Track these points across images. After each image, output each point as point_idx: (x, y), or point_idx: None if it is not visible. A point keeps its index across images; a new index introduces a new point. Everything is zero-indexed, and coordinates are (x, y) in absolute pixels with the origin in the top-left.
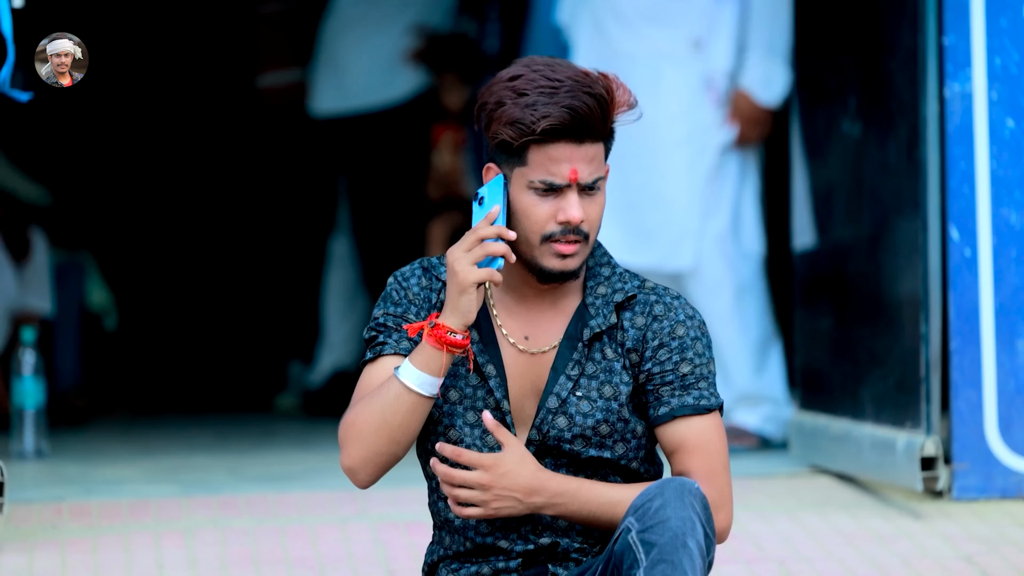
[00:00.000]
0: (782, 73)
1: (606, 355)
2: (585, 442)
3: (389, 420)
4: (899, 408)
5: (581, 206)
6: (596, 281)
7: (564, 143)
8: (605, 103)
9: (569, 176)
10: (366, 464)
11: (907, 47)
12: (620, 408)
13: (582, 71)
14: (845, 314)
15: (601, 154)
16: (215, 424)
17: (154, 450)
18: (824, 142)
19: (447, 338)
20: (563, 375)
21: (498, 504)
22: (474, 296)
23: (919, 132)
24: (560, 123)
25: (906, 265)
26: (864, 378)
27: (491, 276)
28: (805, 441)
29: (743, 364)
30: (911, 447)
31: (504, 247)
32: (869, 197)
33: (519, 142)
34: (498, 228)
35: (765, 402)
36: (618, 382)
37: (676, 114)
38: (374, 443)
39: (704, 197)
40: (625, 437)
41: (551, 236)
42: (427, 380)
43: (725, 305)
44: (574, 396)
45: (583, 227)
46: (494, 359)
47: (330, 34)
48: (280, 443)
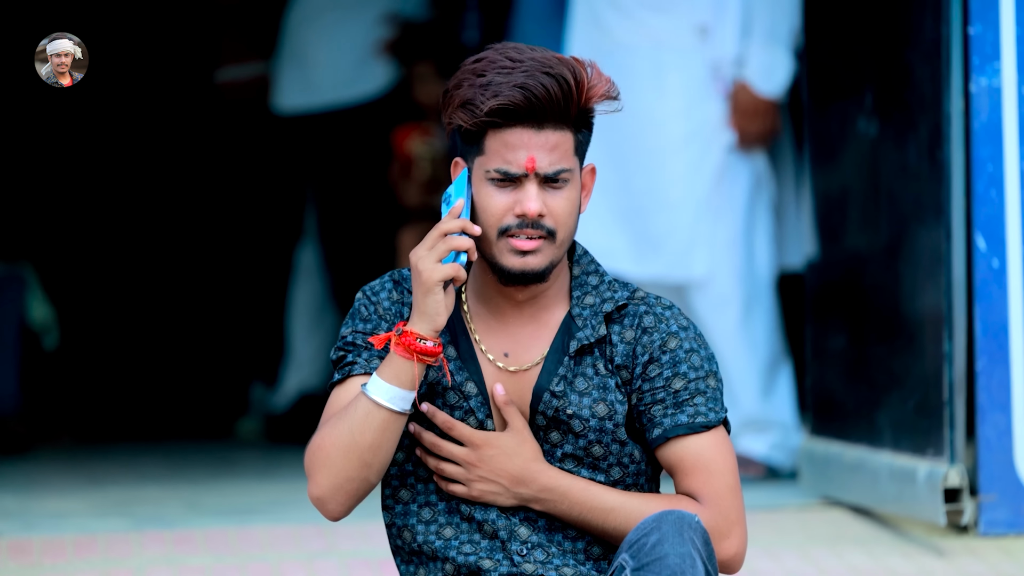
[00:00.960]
0: (785, 61)
1: (598, 371)
2: (576, 463)
3: (359, 441)
4: (920, 434)
5: (542, 199)
6: (583, 291)
7: (521, 128)
8: (567, 85)
9: (526, 164)
10: (336, 492)
11: (929, 38)
12: (615, 429)
13: (555, 55)
14: (860, 331)
15: (567, 144)
16: (169, 452)
17: (102, 481)
18: (837, 142)
19: (417, 345)
20: (547, 392)
21: (482, 487)
22: (441, 296)
23: (942, 131)
24: (511, 103)
25: (928, 277)
26: (881, 401)
27: (456, 272)
28: (817, 470)
29: (750, 386)
30: (933, 477)
31: (468, 241)
32: (887, 202)
33: (469, 125)
34: (462, 222)
35: (773, 427)
36: (613, 400)
37: (680, 109)
38: (343, 468)
39: (712, 200)
40: (622, 461)
41: (507, 230)
42: (398, 394)
43: (732, 320)
44: (564, 414)
45: (546, 222)
46: (474, 377)
47: (295, 23)
48: (241, 472)
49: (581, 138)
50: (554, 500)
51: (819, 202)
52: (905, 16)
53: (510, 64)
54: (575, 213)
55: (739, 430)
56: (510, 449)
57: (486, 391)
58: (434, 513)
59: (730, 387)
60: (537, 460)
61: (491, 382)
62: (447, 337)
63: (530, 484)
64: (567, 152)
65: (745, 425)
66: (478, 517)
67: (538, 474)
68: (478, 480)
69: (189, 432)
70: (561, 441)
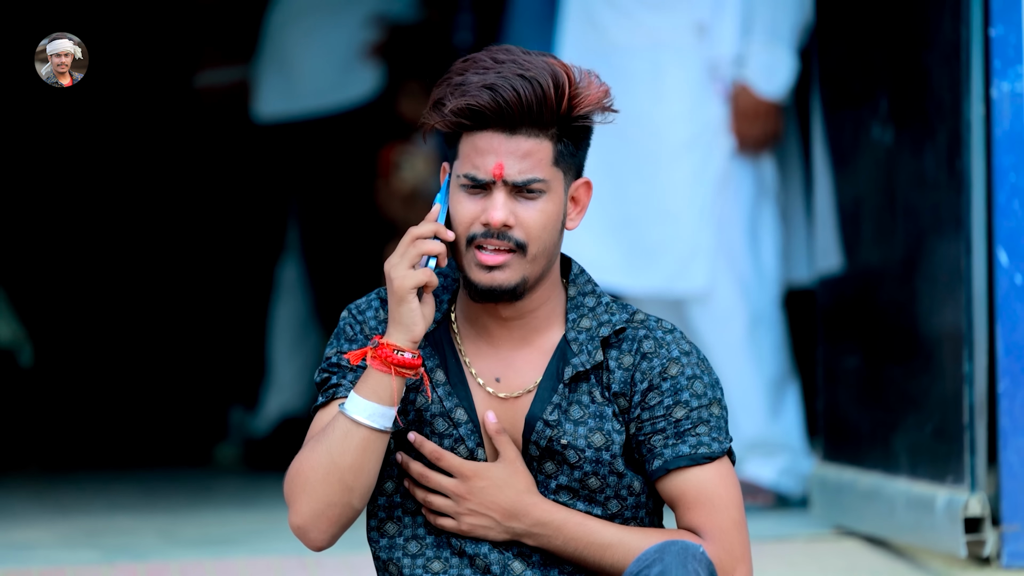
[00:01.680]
0: (787, 60)
1: (595, 398)
2: (571, 495)
3: (338, 462)
4: (938, 460)
5: (511, 208)
6: (579, 313)
7: (491, 132)
8: (541, 90)
9: (492, 170)
10: (318, 519)
11: (948, 40)
12: (613, 460)
13: (549, 59)
14: (875, 350)
15: (542, 153)
16: (142, 479)
17: (71, 510)
18: (851, 151)
19: (394, 357)
20: (540, 420)
21: (472, 520)
22: (415, 305)
23: (961, 138)
24: (476, 103)
25: (946, 293)
26: (897, 425)
27: (428, 278)
28: (829, 498)
29: (756, 407)
30: (953, 506)
31: (439, 246)
32: (903, 215)
33: (437, 125)
34: (434, 226)
35: (781, 452)
36: (610, 429)
37: (680, 113)
38: (324, 492)
39: (713, 209)
40: (620, 493)
41: (474, 239)
42: (377, 410)
43: (736, 337)
44: (558, 445)
45: (514, 234)
46: (464, 403)
47: (276, 25)
48: (219, 501)
49: (564, 148)
50: (548, 535)
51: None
52: (922, 17)
53: (490, 64)
54: (551, 228)
55: (744, 454)
56: (502, 480)
57: (477, 418)
58: (422, 547)
59: (734, 408)
60: (530, 492)
61: (482, 408)
62: (436, 360)
63: (523, 518)
64: (542, 161)
65: (751, 449)
66: (469, 551)
67: (531, 507)
68: (468, 513)
69: (164, 458)
70: (555, 472)
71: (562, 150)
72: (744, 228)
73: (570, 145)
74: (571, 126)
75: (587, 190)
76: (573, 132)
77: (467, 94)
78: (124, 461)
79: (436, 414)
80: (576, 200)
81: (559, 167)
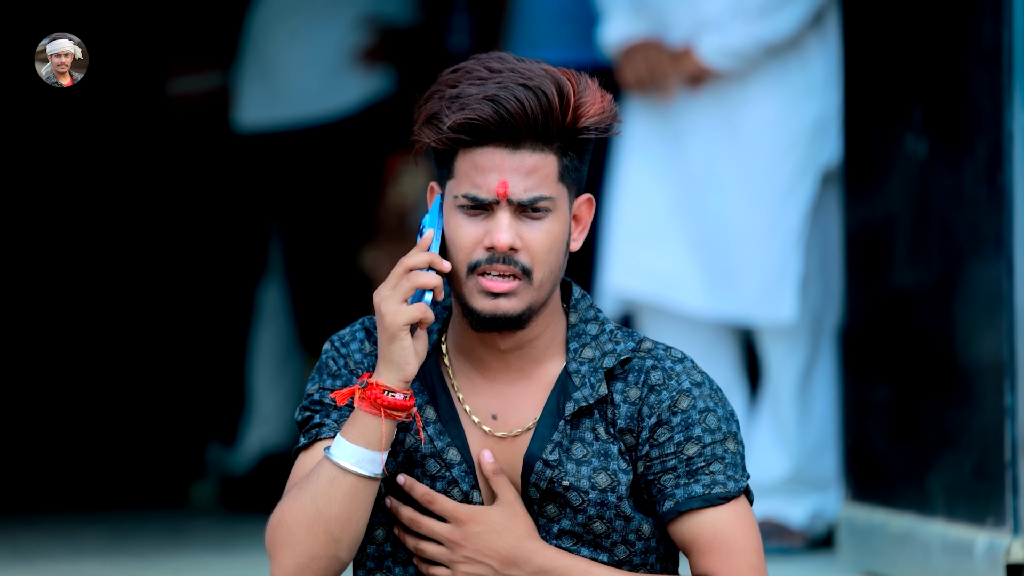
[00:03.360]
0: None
1: (599, 435)
2: (575, 540)
3: (324, 512)
4: (978, 500)
5: (516, 230)
6: (581, 342)
7: (493, 148)
8: (547, 100)
9: (496, 189)
10: (302, 573)
11: (987, 44)
12: (619, 502)
13: (545, 67)
14: (908, 381)
15: (548, 168)
16: (112, 522)
17: (32, 555)
18: (881, 164)
19: (384, 399)
20: (540, 460)
21: (468, 569)
22: (408, 343)
23: (1002, 151)
24: (478, 117)
25: (986, 319)
26: (933, 462)
27: (423, 314)
28: (858, 541)
29: (815, 442)
30: (994, 550)
31: (435, 279)
32: (938, 234)
33: (434, 143)
34: (429, 256)
35: (813, 491)
36: (616, 469)
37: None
38: (309, 545)
39: (804, 230)
40: (627, 538)
41: (477, 266)
42: (366, 456)
43: (799, 369)
44: (560, 487)
45: (520, 258)
46: (457, 442)
47: (258, 27)
48: (195, 544)
49: (568, 163)
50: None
51: (859, 233)
52: (960, 19)
53: (487, 75)
54: (558, 250)
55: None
56: (500, 525)
57: (471, 458)
58: None
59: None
60: (531, 538)
61: (477, 448)
62: (425, 396)
63: (523, 565)
64: (547, 178)
65: (782, 486)
66: None
67: (532, 553)
68: (463, 561)
69: (134, 498)
70: (558, 516)
71: (567, 164)
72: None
73: (574, 159)
74: (575, 138)
75: (589, 207)
76: (577, 144)
77: (466, 107)
78: (91, 502)
79: (427, 455)
80: (578, 219)
81: (564, 183)
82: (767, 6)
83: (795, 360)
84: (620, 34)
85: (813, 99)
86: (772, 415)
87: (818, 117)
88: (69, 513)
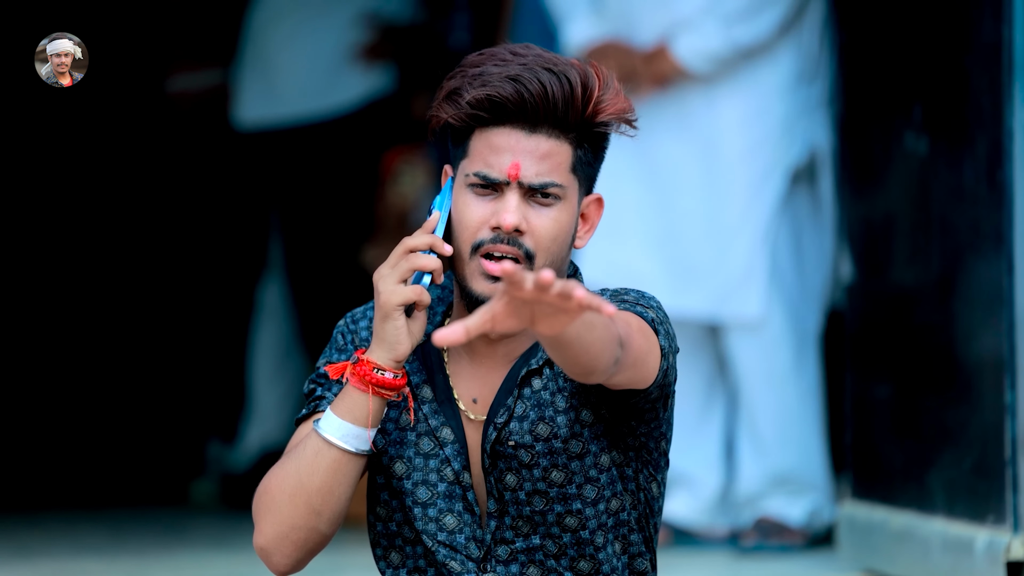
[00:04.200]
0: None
1: (533, 387)
2: (544, 499)
3: (306, 483)
4: (978, 498)
5: (523, 213)
6: None
7: (510, 128)
8: (569, 87)
9: (508, 170)
10: (281, 542)
11: (988, 41)
12: (565, 444)
13: (571, 59)
14: (908, 378)
15: (562, 156)
16: (112, 520)
17: (33, 553)
18: (881, 162)
19: (373, 376)
20: (491, 424)
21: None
22: (402, 323)
23: (1002, 148)
24: (498, 95)
25: (986, 316)
26: (933, 460)
27: (419, 296)
28: (858, 538)
29: (794, 441)
30: (994, 548)
31: (435, 261)
32: (939, 231)
33: (452, 118)
34: (431, 238)
35: (811, 488)
36: (552, 414)
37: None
38: (289, 514)
39: (771, 228)
40: (589, 475)
41: (480, 246)
42: (351, 431)
43: (783, 367)
44: (508, 447)
45: (524, 241)
46: (451, 421)
47: (258, 25)
48: (195, 542)
49: (582, 155)
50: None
51: (859, 231)
52: (960, 17)
53: (511, 57)
54: (562, 240)
55: (770, 490)
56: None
57: (464, 438)
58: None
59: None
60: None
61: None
62: (424, 376)
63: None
64: (560, 165)
65: (779, 484)
66: None
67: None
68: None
69: (135, 496)
70: (518, 483)
71: (581, 157)
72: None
73: (589, 153)
74: (592, 132)
75: (598, 207)
76: (593, 139)
77: (488, 84)
78: (91, 500)
79: (423, 433)
80: (586, 217)
81: (576, 176)
82: (746, 10)
83: (770, 360)
84: (584, 36)
85: (781, 99)
86: (747, 416)
87: (786, 116)
88: (70, 511)
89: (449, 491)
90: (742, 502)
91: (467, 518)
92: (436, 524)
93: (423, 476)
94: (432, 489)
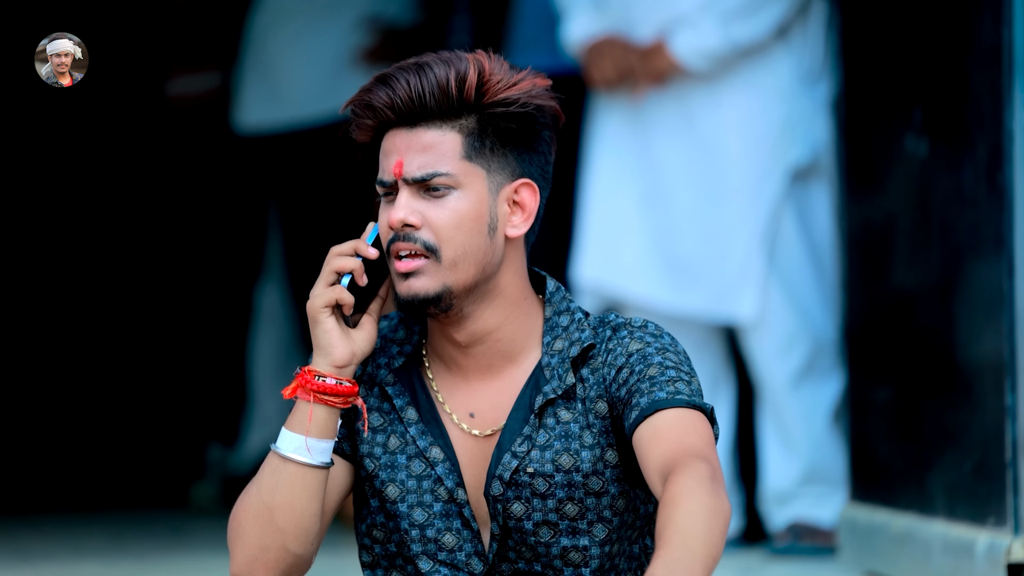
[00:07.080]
0: (716, 36)
1: (560, 418)
2: (552, 530)
3: (267, 501)
4: (978, 500)
5: (414, 208)
6: (553, 335)
7: (395, 130)
8: (434, 78)
9: (393, 169)
10: (252, 565)
11: (988, 44)
12: (585, 480)
13: (466, 53)
14: (909, 381)
15: (448, 145)
16: (112, 522)
17: (33, 556)
18: (881, 164)
19: (314, 383)
20: (508, 452)
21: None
22: (331, 326)
23: (1003, 150)
24: (370, 100)
25: (986, 319)
26: (934, 462)
27: (339, 295)
28: (859, 541)
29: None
30: (994, 550)
31: (353, 262)
32: (939, 233)
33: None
34: (354, 242)
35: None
36: (577, 448)
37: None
38: (256, 536)
39: (770, 229)
40: (603, 516)
41: (391, 248)
42: (302, 443)
43: (798, 368)
44: (525, 475)
45: (422, 235)
46: (440, 440)
47: (259, 28)
48: (195, 545)
49: (479, 142)
50: None
51: (860, 233)
52: (960, 19)
53: (405, 64)
54: (468, 229)
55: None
56: None
57: (454, 456)
58: None
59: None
60: None
61: (459, 447)
62: (407, 398)
63: None
64: (447, 155)
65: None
66: None
67: None
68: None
69: (135, 499)
70: (526, 513)
71: (476, 144)
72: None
73: (491, 139)
74: (493, 120)
75: (532, 193)
76: (497, 126)
77: (365, 92)
78: (92, 502)
79: (412, 455)
80: (520, 204)
81: (474, 162)
82: (744, 9)
83: (790, 361)
84: (583, 32)
85: (780, 100)
86: (773, 418)
87: (785, 118)
88: (70, 513)
89: (445, 510)
90: (772, 501)
91: (466, 534)
92: (436, 544)
93: (417, 498)
94: (428, 510)
